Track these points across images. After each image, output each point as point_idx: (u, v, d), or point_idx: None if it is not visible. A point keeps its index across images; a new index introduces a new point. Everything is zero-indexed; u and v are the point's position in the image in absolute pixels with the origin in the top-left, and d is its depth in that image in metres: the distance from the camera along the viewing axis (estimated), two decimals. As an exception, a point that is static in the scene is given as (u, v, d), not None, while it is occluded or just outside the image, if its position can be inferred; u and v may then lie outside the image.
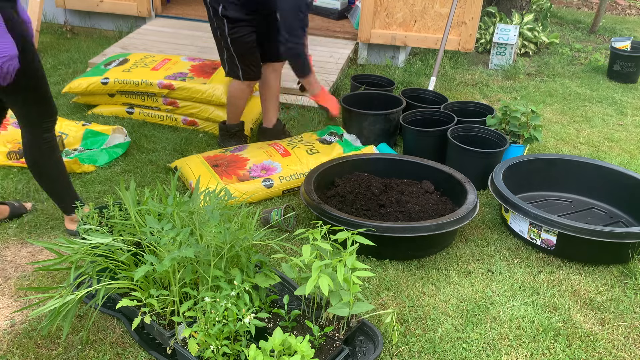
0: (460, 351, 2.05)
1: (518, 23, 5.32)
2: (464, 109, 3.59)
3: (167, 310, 1.92)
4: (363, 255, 2.50)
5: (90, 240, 1.89)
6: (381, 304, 2.26)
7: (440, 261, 2.53)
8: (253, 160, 3.03)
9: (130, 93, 3.59)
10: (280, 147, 3.16)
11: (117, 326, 2.08)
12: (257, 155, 3.08)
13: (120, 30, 5.25)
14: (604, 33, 6.59)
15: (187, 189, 2.95)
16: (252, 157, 3.06)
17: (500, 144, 3.14)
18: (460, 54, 5.15)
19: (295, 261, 1.90)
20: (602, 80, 5.04)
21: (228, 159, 3.05)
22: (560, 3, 8.14)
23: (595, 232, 2.41)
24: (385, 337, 2.05)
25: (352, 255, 1.88)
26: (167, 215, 2.04)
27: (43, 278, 2.30)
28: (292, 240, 2.56)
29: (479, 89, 4.59)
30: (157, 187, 2.28)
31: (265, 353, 1.68)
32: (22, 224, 2.61)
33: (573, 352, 2.07)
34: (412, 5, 4.71)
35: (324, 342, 1.87)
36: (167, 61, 3.75)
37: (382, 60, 4.94)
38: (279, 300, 2.07)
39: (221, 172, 2.92)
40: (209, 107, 3.51)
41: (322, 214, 2.47)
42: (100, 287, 1.85)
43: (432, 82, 4.08)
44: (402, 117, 3.38)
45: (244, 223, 2.03)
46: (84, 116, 3.67)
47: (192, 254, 1.78)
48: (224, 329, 1.74)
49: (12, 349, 1.97)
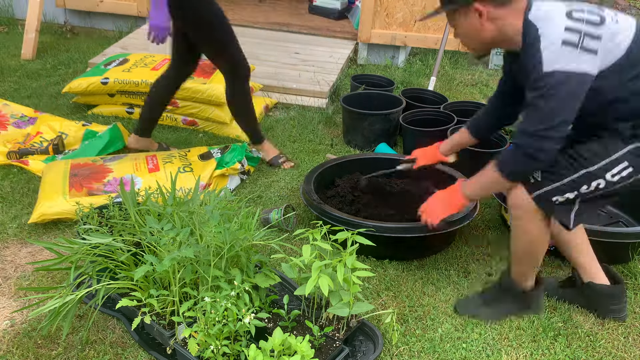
0: (460, 351, 2.05)
1: (518, 23, 5.31)
2: (464, 109, 3.59)
3: (167, 311, 1.92)
4: (363, 255, 2.49)
5: (90, 240, 1.89)
6: (381, 304, 2.26)
7: (440, 261, 2.53)
8: (115, 173, 2.79)
9: (130, 93, 3.59)
10: (153, 160, 2.92)
11: (117, 326, 2.08)
12: (123, 168, 2.83)
13: (120, 30, 5.25)
14: (604, 33, 6.59)
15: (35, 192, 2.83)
16: (116, 170, 2.81)
17: (500, 144, 3.13)
18: (460, 54, 5.15)
19: (295, 261, 1.90)
20: (602, 80, 5.03)
21: (92, 168, 2.82)
22: (560, 3, 8.14)
23: (595, 232, 2.41)
24: (385, 337, 2.05)
25: (352, 255, 1.88)
26: (167, 215, 2.04)
27: (43, 278, 2.30)
28: (292, 240, 2.56)
29: (479, 89, 4.59)
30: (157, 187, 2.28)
31: (265, 353, 1.68)
32: (21, 224, 2.61)
33: (573, 352, 2.07)
34: (412, 5, 4.71)
35: (324, 342, 1.87)
36: (167, 61, 3.74)
37: (382, 60, 4.94)
38: (279, 300, 2.07)
39: (76, 182, 2.70)
40: (209, 107, 3.51)
41: (322, 214, 2.47)
42: (100, 287, 1.85)
43: (432, 82, 4.08)
44: (402, 117, 3.38)
45: (244, 223, 2.03)
46: (84, 116, 3.67)
47: (192, 254, 1.78)
48: (224, 329, 1.74)
49: (12, 349, 1.96)
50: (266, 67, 4.23)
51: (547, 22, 1.77)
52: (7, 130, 3.30)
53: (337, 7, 5.43)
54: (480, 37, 1.93)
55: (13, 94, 3.96)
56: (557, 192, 1.88)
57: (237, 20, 5.22)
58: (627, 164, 1.83)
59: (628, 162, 1.83)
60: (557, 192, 1.88)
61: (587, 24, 1.75)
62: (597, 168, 1.84)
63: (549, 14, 1.79)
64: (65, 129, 3.32)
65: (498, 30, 1.89)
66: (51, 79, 4.26)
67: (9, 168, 3.05)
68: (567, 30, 1.73)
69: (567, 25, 1.74)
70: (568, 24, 1.74)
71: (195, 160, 2.95)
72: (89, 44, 5.04)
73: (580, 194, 1.89)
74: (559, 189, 1.88)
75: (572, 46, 1.71)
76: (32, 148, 3.14)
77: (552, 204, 1.90)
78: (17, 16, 5.46)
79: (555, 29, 1.74)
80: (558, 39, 1.72)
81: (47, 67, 4.48)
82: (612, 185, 1.86)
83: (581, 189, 1.87)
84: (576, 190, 1.87)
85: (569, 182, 1.87)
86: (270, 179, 3.12)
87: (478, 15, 1.87)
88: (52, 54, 4.75)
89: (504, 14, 1.85)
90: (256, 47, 4.68)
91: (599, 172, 1.84)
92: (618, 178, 1.84)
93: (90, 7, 5.18)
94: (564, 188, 1.87)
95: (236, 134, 3.53)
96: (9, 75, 4.28)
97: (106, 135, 3.20)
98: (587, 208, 1.97)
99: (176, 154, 3.01)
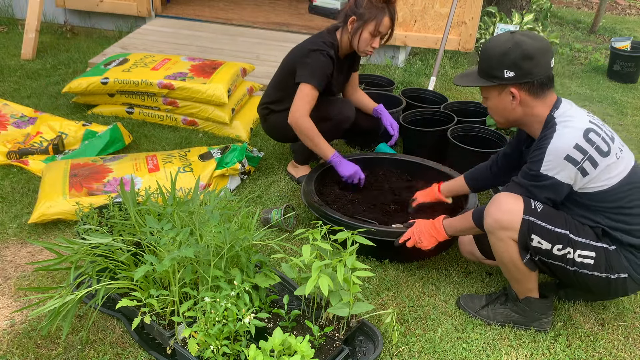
0: (460, 351, 2.05)
1: (518, 23, 5.32)
2: (464, 109, 3.59)
3: (167, 310, 1.92)
4: (363, 255, 2.49)
5: (90, 240, 1.89)
6: (381, 304, 2.26)
7: (440, 261, 2.53)
8: (115, 173, 2.78)
9: (130, 93, 3.59)
10: (153, 160, 2.91)
11: (117, 326, 2.08)
12: (123, 168, 2.82)
13: (120, 30, 5.26)
14: (604, 33, 6.59)
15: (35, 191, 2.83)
16: (116, 169, 2.81)
17: (500, 144, 3.14)
18: (460, 54, 5.15)
19: (295, 261, 1.90)
20: (602, 80, 5.04)
21: (92, 168, 2.81)
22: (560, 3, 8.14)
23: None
24: (385, 337, 2.05)
25: (352, 255, 1.88)
26: (167, 215, 2.04)
27: (43, 278, 2.30)
28: (292, 240, 2.56)
29: (479, 88, 4.58)
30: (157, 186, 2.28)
31: (265, 353, 1.68)
32: (21, 224, 2.61)
33: (573, 352, 2.07)
34: (412, 5, 4.71)
35: (324, 342, 1.87)
36: (167, 61, 3.75)
37: (382, 60, 4.94)
38: (279, 300, 2.07)
39: (76, 182, 2.69)
40: (209, 107, 3.51)
41: (323, 215, 2.46)
42: (100, 287, 1.85)
43: (432, 82, 4.08)
44: (402, 117, 3.38)
45: (243, 223, 2.03)
46: (84, 116, 3.67)
47: (192, 254, 1.78)
48: (224, 329, 1.74)
49: (12, 349, 1.96)
50: (266, 67, 4.23)
51: (565, 129, 1.88)
52: (7, 130, 3.30)
53: (337, 7, 5.43)
54: (508, 115, 2.03)
55: (13, 94, 3.96)
56: (542, 232, 1.90)
57: (237, 20, 5.23)
58: (594, 254, 1.92)
59: (595, 254, 1.92)
60: (543, 232, 1.90)
61: (596, 150, 1.86)
62: (576, 240, 1.91)
63: (571, 121, 1.89)
64: (65, 129, 3.32)
65: (525, 115, 2.00)
66: (51, 79, 4.26)
67: (9, 168, 3.05)
68: (576, 147, 1.85)
69: (578, 142, 1.85)
70: (579, 142, 1.85)
71: (195, 160, 2.95)
72: (89, 44, 5.04)
73: (549, 252, 1.92)
74: (546, 230, 1.90)
75: (573, 164, 1.85)
76: (32, 148, 3.14)
77: (528, 239, 1.91)
78: (17, 16, 5.46)
79: (567, 140, 1.86)
80: (564, 152, 1.85)
81: (47, 67, 4.48)
82: (571, 264, 1.93)
83: (555, 246, 1.91)
84: (551, 244, 1.91)
85: (555, 232, 1.90)
86: (270, 179, 3.12)
87: (511, 97, 1.96)
88: (52, 54, 4.75)
89: (535, 104, 1.96)
90: (256, 47, 4.68)
91: (577, 244, 1.91)
92: (580, 261, 1.92)
93: (90, 7, 5.18)
94: (549, 234, 1.90)
95: (236, 134, 3.54)
96: (9, 75, 4.28)
97: (106, 135, 3.20)
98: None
99: (176, 154, 3.01)
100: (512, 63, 1.90)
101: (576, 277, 1.96)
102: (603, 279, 1.94)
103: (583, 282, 1.97)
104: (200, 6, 5.64)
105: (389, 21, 2.65)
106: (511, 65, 1.90)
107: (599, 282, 1.95)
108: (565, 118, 1.91)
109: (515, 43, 1.90)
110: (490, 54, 1.96)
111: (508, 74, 1.91)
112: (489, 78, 1.98)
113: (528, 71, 1.89)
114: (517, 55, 1.89)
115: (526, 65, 1.89)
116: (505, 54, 1.91)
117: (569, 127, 1.88)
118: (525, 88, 1.93)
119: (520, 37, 1.91)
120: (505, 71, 1.92)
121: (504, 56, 1.91)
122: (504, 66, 1.92)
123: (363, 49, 2.73)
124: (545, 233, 1.90)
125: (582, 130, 1.86)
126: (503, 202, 1.94)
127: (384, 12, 2.63)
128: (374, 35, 2.67)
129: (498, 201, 1.96)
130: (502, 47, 1.92)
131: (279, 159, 3.34)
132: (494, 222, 1.94)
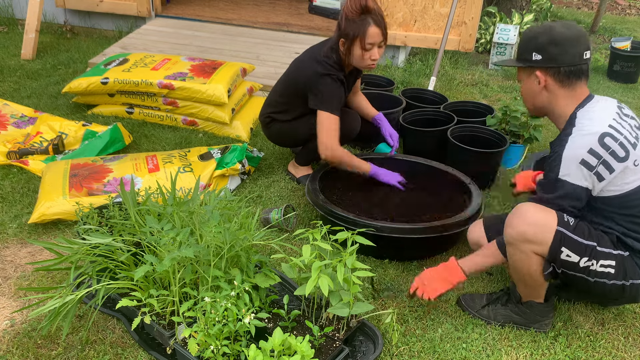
0: (460, 351, 2.05)
1: (518, 23, 5.32)
2: (464, 109, 3.59)
3: (167, 311, 1.92)
4: (363, 255, 2.49)
5: (90, 241, 1.89)
6: (381, 304, 2.26)
7: (440, 261, 2.52)
8: (115, 173, 2.78)
9: (130, 93, 3.59)
10: (153, 160, 2.91)
11: (117, 326, 2.08)
12: (123, 168, 2.82)
13: (120, 30, 5.26)
14: (604, 33, 6.59)
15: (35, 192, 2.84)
16: (116, 170, 2.80)
17: (500, 144, 3.13)
18: (460, 54, 5.15)
19: (295, 261, 1.89)
20: (602, 80, 5.04)
21: (92, 168, 2.81)
22: (560, 3, 8.14)
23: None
24: (385, 337, 2.05)
25: (352, 255, 1.88)
26: (167, 215, 2.04)
27: (43, 278, 2.30)
28: (292, 240, 2.56)
29: (479, 89, 4.59)
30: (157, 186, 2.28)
31: (265, 353, 1.68)
32: (21, 224, 2.61)
33: (573, 352, 2.07)
34: (412, 5, 4.71)
35: (324, 342, 1.87)
36: (167, 61, 3.75)
37: (382, 60, 4.94)
38: (279, 300, 2.07)
39: (75, 182, 2.69)
40: (209, 107, 3.51)
41: (329, 213, 2.46)
42: (100, 287, 1.85)
43: (432, 82, 4.08)
44: (402, 117, 3.38)
45: (244, 223, 2.03)
46: (84, 116, 3.67)
47: (192, 254, 1.78)
48: (224, 329, 1.74)
49: (12, 349, 1.96)
50: (266, 67, 4.23)
51: (580, 131, 1.87)
52: (7, 130, 3.30)
53: (337, 7, 5.43)
54: (534, 100, 2.04)
55: (13, 94, 3.96)
56: (573, 245, 1.88)
57: (237, 20, 5.24)
58: (614, 263, 1.90)
59: (615, 262, 1.91)
60: (573, 245, 1.88)
61: (611, 155, 1.84)
62: (600, 250, 1.90)
63: (591, 123, 1.88)
64: (65, 129, 3.32)
65: (550, 103, 2.00)
66: (51, 79, 4.26)
67: (9, 168, 3.05)
68: (590, 152, 1.84)
69: (593, 147, 1.84)
70: (594, 147, 1.84)
71: (195, 160, 2.95)
72: (88, 44, 5.04)
73: (575, 264, 1.90)
74: (577, 243, 1.88)
75: (589, 168, 1.85)
76: (32, 148, 3.14)
77: (558, 252, 1.88)
78: (17, 16, 5.46)
79: (581, 145, 1.85)
80: (579, 157, 1.84)
81: (47, 67, 4.48)
82: (592, 275, 1.91)
83: (583, 259, 1.89)
84: (579, 257, 1.89)
85: (584, 245, 1.88)
86: (270, 179, 3.12)
87: (537, 82, 1.98)
88: (52, 54, 4.75)
89: (560, 93, 1.97)
90: (256, 47, 4.68)
91: (600, 254, 1.89)
92: (601, 270, 1.91)
93: (90, 7, 5.18)
94: (579, 247, 1.88)
95: (236, 134, 3.54)
96: (9, 75, 4.28)
97: (106, 135, 3.20)
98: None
99: (176, 154, 3.01)
100: (540, 46, 1.94)
101: (595, 287, 1.95)
102: (619, 286, 1.93)
103: (600, 290, 1.96)
104: (200, 6, 5.64)
105: (375, 29, 2.57)
106: (540, 49, 1.94)
107: (615, 290, 1.94)
108: (585, 120, 1.90)
109: (547, 28, 1.94)
110: (525, 37, 2.01)
111: (536, 56, 1.95)
112: (520, 60, 2.02)
113: (554, 57, 1.92)
114: (545, 39, 1.92)
115: (552, 50, 1.91)
116: (535, 37, 1.96)
117: (585, 130, 1.87)
118: (551, 73, 1.94)
119: (554, 24, 1.96)
120: (534, 54, 1.95)
121: (534, 39, 1.96)
122: (533, 49, 1.96)
123: (364, 65, 2.70)
124: (575, 246, 1.88)
125: (597, 135, 1.85)
126: (529, 214, 1.90)
127: (366, 23, 2.55)
128: (367, 49, 2.61)
129: (523, 213, 1.91)
130: (536, 31, 1.98)
131: (279, 159, 3.34)
132: (518, 234, 1.90)
